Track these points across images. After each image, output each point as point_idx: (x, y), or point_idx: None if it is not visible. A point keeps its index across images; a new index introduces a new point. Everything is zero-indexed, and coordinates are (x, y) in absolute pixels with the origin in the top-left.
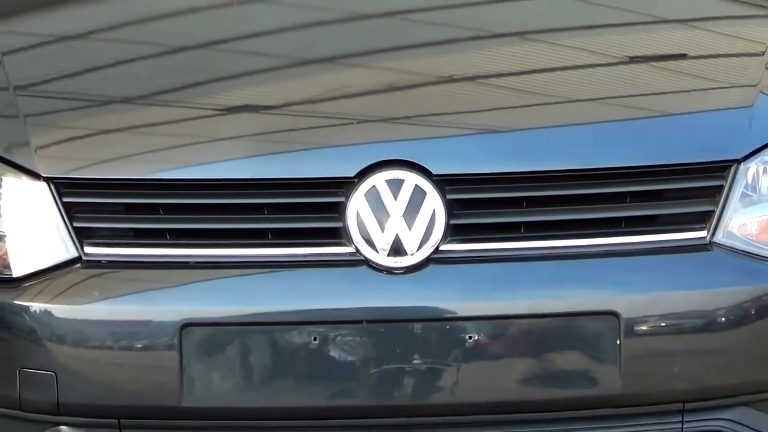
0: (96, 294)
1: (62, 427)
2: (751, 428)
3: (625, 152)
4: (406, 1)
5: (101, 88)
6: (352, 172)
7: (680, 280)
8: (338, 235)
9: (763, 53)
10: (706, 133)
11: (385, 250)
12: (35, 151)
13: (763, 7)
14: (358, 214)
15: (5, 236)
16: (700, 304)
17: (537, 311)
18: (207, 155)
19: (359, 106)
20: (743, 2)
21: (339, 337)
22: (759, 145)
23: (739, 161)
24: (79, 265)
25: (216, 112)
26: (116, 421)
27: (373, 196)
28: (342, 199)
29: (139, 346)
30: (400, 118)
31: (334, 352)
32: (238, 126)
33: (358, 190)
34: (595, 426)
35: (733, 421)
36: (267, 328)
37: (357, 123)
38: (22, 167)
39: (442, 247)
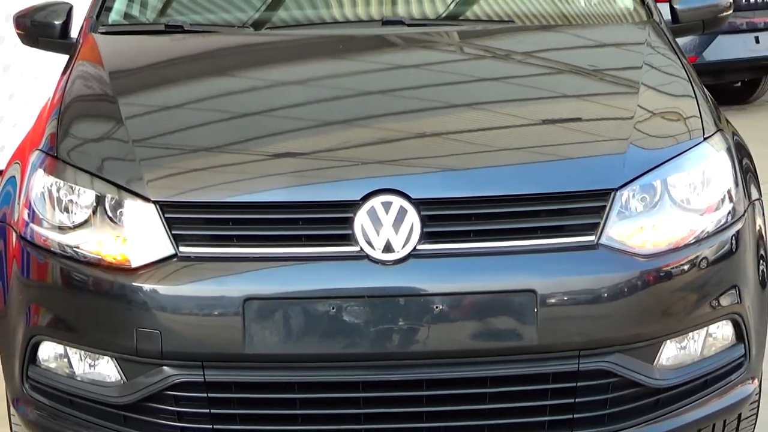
0: (187, 279)
1: (164, 367)
2: (624, 367)
3: (540, 183)
4: (395, 82)
5: (191, 141)
6: (358, 197)
7: (577, 268)
8: (348, 239)
9: (631, 117)
10: (594, 171)
11: (380, 249)
12: (146, 183)
13: (629, 86)
14: (362, 224)
15: (127, 240)
16: (590, 285)
17: (481, 289)
18: (261, 185)
19: (363, 152)
20: (617, 83)
21: (349, 308)
22: (629, 179)
23: (616, 189)
24: (175, 259)
25: (267, 157)
26: (200, 363)
27: (372, 213)
28: (351, 214)
29: (215, 313)
30: (390, 160)
31: (345, 318)
32: (281, 166)
33: (362, 208)
34: (520, 366)
35: (613, 363)
36: (301, 301)
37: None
38: (138, 194)
39: (419, 247)
